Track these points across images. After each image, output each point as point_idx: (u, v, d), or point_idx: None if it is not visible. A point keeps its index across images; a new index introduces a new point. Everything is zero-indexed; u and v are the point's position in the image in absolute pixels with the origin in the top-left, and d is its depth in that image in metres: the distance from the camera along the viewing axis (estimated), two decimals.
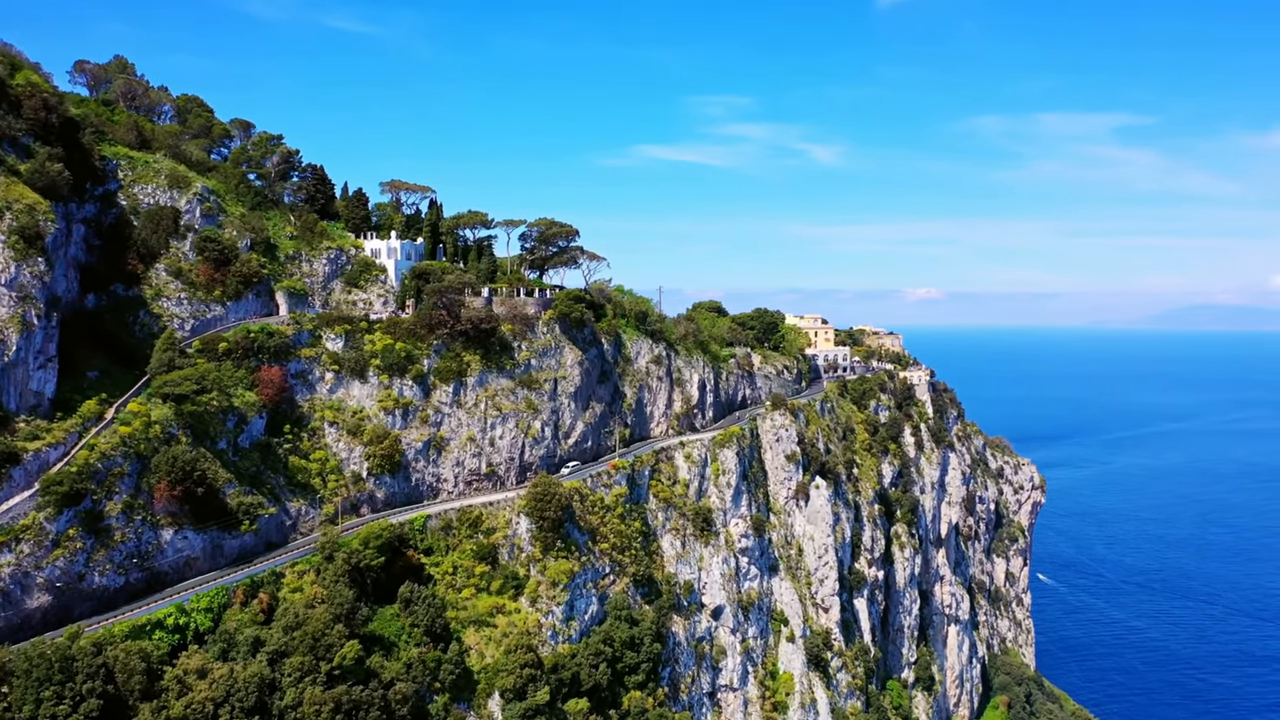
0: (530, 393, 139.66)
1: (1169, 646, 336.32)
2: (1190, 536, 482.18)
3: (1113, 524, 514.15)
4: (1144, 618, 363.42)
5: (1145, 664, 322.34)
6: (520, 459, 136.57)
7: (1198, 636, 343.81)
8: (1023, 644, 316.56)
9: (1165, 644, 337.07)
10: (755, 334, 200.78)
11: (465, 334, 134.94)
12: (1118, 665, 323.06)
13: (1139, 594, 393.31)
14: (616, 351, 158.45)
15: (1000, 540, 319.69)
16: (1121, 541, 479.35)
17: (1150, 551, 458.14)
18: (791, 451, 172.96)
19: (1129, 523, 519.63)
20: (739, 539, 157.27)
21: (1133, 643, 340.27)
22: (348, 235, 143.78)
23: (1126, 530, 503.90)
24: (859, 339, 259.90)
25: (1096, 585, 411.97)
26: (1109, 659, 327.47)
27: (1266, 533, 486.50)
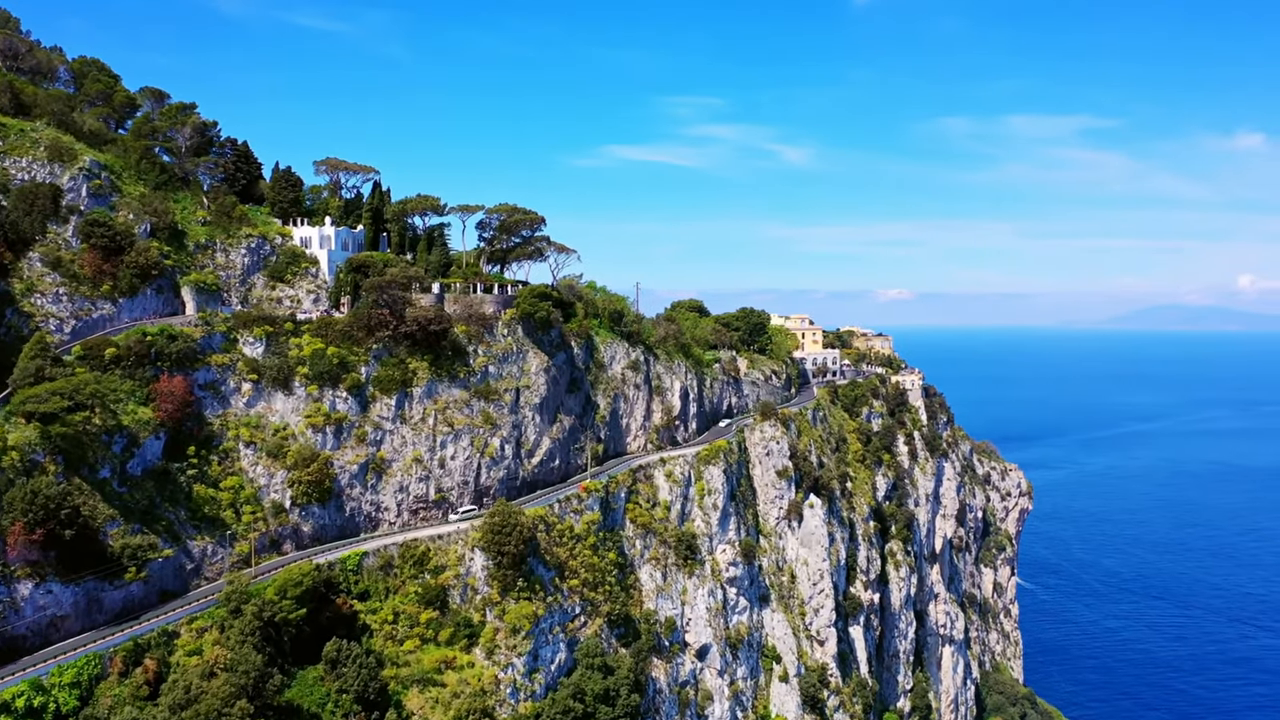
0: (488, 405, 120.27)
1: (1149, 649, 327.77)
2: (1166, 538, 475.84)
3: (1089, 526, 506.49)
4: (1123, 620, 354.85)
5: (1125, 666, 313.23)
6: (476, 483, 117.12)
7: (1177, 639, 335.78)
8: (1011, 657, 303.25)
9: (1145, 647, 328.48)
10: (740, 336, 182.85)
11: (411, 337, 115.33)
12: (1098, 668, 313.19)
13: (1117, 597, 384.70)
14: (588, 356, 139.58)
15: (988, 549, 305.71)
16: (1098, 544, 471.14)
17: (1127, 554, 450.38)
18: (783, 467, 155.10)
19: (1105, 524, 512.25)
20: (726, 567, 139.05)
21: (1112, 646, 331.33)
22: (273, 221, 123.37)
23: (1103, 532, 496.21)
24: (848, 341, 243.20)
25: (1075, 589, 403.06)
26: (1087, 661, 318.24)
27: (1241, 534, 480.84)
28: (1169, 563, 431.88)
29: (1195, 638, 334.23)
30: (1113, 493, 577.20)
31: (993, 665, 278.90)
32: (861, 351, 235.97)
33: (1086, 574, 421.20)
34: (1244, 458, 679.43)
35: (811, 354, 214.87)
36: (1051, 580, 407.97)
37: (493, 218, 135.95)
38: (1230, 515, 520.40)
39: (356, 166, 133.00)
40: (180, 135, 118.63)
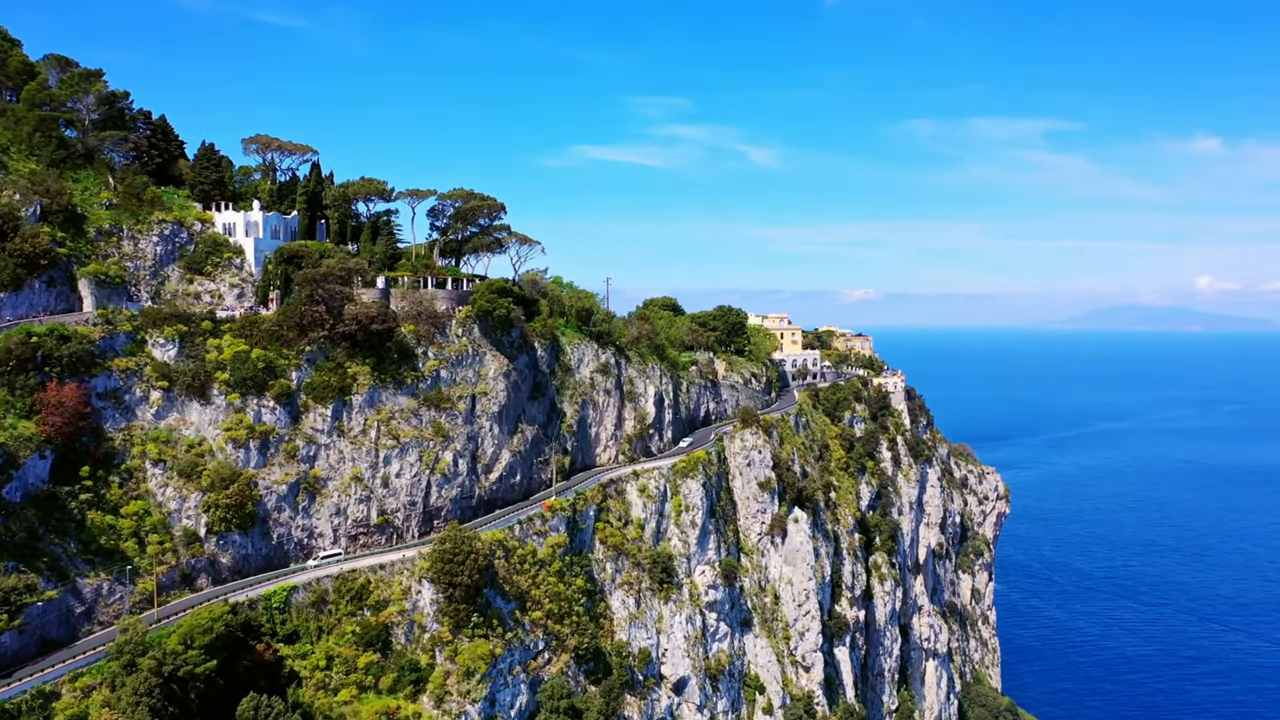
0: (439, 414, 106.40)
1: (1120, 649, 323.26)
2: (1135, 537, 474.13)
3: (1058, 526, 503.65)
4: (1094, 621, 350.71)
5: (1098, 667, 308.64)
6: (425, 503, 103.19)
7: (1148, 638, 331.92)
8: (990, 664, 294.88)
9: (1116, 647, 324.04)
10: (718, 336, 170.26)
11: (351, 337, 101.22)
12: (1071, 670, 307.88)
13: (1088, 597, 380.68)
14: (553, 359, 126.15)
15: (965, 555, 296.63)
16: (1068, 544, 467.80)
17: (1096, 553, 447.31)
18: (765, 478, 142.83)
19: (1074, 524, 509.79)
20: (706, 591, 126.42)
21: (1085, 647, 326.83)
22: (192, 205, 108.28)
23: (1072, 532, 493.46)
24: (827, 341, 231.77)
25: (1046, 589, 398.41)
26: (1059, 662, 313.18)
27: (1208, 533, 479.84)
28: (1138, 562, 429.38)
29: (1166, 637, 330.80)
30: (1081, 492, 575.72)
31: (973, 675, 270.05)
32: (842, 353, 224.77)
33: (1057, 574, 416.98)
34: (1209, 457, 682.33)
35: (791, 355, 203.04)
36: (1022, 581, 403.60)
37: (446, 204, 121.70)
38: (1197, 514, 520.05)
39: (292, 146, 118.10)
40: (83, 106, 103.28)
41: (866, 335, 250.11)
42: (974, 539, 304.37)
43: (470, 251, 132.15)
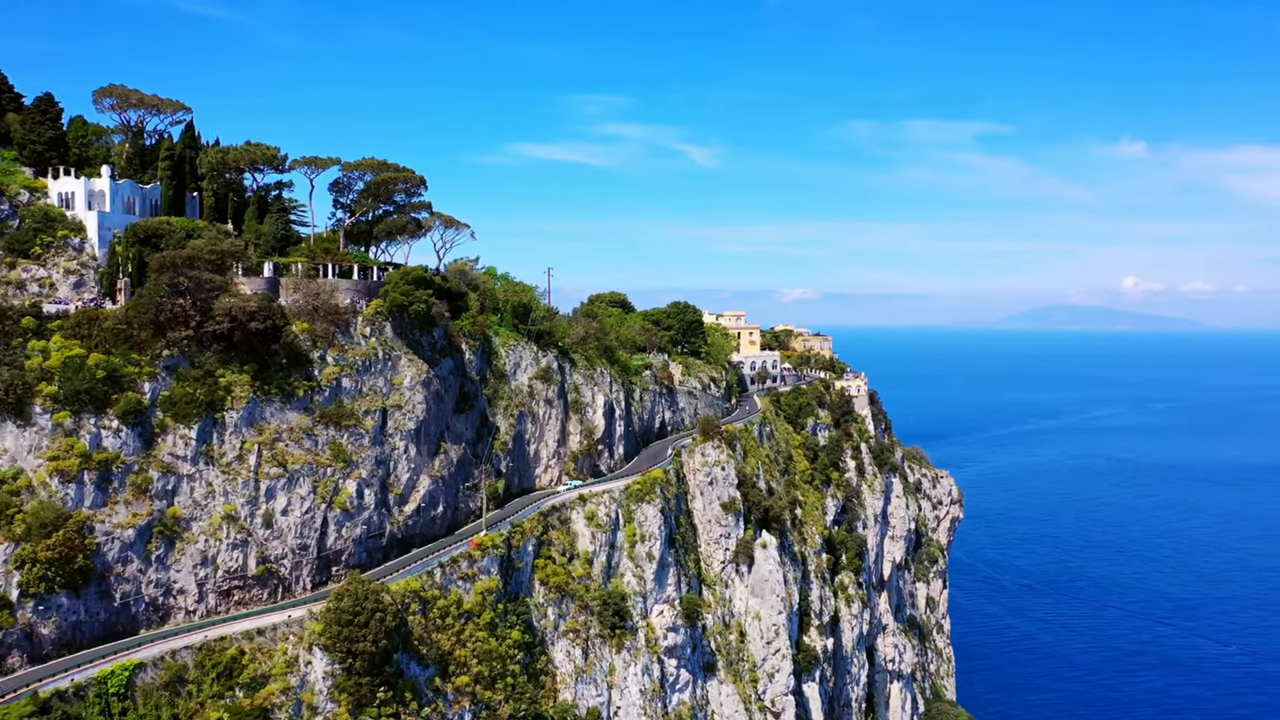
0: (340, 434, 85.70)
1: (1063, 648, 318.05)
2: (1073, 535, 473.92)
3: (998, 524, 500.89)
4: (1037, 620, 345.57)
5: (1042, 668, 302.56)
6: (319, 546, 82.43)
7: (1089, 636, 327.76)
8: (945, 674, 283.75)
9: (1060, 646, 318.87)
10: (672, 336, 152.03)
11: (224, 338, 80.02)
12: (1017, 671, 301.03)
13: (1030, 596, 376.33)
14: (484, 363, 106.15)
15: (920, 563, 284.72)
16: (1008, 542, 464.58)
17: (1037, 552, 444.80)
18: (730, 498, 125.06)
19: (1013, 522, 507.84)
20: (664, 634, 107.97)
21: (1028, 646, 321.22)
22: (19, 170, 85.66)
23: (1012, 530, 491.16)
24: (785, 341, 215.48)
25: (989, 589, 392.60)
26: (1003, 662, 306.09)
27: (1144, 530, 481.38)
28: (1078, 560, 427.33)
29: (1107, 634, 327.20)
30: (1019, 490, 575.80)
31: (932, 690, 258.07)
32: (802, 354, 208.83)
33: (999, 574, 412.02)
34: (1140, 454, 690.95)
35: (750, 357, 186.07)
36: (965, 581, 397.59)
37: (353, 176, 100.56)
38: (1133, 511, 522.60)
39: (158, 101, 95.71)
40: None
41: (826, 335, 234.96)
42: (928, 546, 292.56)
43: (386, 237, 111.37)
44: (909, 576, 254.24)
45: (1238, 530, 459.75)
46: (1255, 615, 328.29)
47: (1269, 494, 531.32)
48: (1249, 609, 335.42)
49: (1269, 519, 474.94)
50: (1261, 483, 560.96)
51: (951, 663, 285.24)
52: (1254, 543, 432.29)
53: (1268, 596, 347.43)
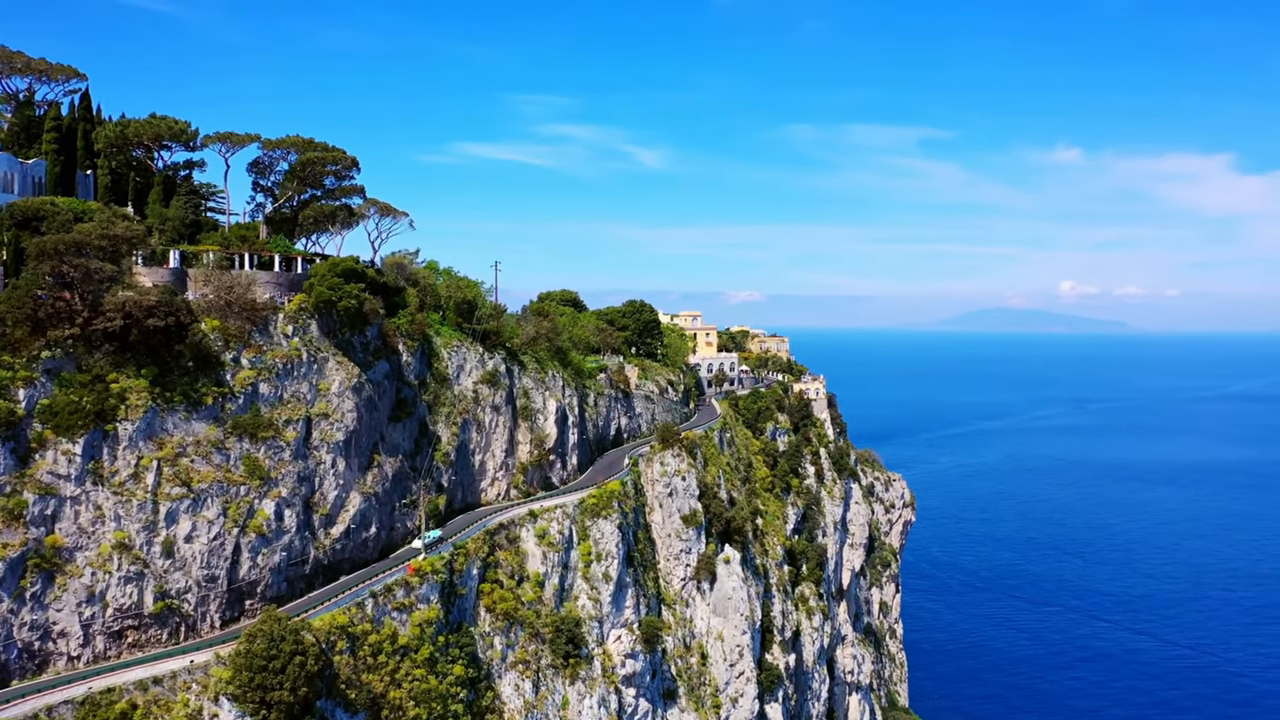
0: (256, 447, 74.91)
1: (1008, 648, 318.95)
2: (1016, 534, 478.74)
3: (944, 524, 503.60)
4: (982, 620, 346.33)
5: (984, 665, 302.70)
6: (230, 577, 71.60)
7: (1033, 636, 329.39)
8: (898, 680, 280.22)
9: (1004, 645, 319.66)
10: (628, 337, 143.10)
11: (118, 337, 68.86)
12: (961, 670, 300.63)
13: (976, 596, 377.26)
14: (424, 366, 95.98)
15: (873, 567, 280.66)
16: (954, 542, 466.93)
17: (980, 551, 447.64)
18: (691, 510, 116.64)
19: (959, 522, 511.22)
20: (622, 661, 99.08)
21: (974, 646, 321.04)
22: None
23: (957, 530, 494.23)
24: (742, 343, 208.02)
25: (936, 589, 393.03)
26: (949, 661, 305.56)
27: (1084, 529, 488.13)
28: (1021, 559, 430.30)
29: (1050, 634, 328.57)
30: (963, 490, 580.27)
31: (888, 699, 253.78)
32: (760, 355, 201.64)
33: (944, 573, 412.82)
34: (1078, 453, 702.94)
35: (707, 359, 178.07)
36: (911, 581, 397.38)
37: (275, 156, 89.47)
38: (1072, 510, 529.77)
39: (46, 66, 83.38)
40: None
41: (783, 336, 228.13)
42: (881, 550, 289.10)
43: (314, 228, 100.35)
44: (863, 582, 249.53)
45: (1174, 528, 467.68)
46: (1193, 610, 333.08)
47: (1203, 492, 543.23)
48: (1186, 604, 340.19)
49: (1203, 516, 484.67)
50: (1195, 481, 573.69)
51: (904, 668, 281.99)
52: (1190, 539, 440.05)
53: (1204, 592, 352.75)
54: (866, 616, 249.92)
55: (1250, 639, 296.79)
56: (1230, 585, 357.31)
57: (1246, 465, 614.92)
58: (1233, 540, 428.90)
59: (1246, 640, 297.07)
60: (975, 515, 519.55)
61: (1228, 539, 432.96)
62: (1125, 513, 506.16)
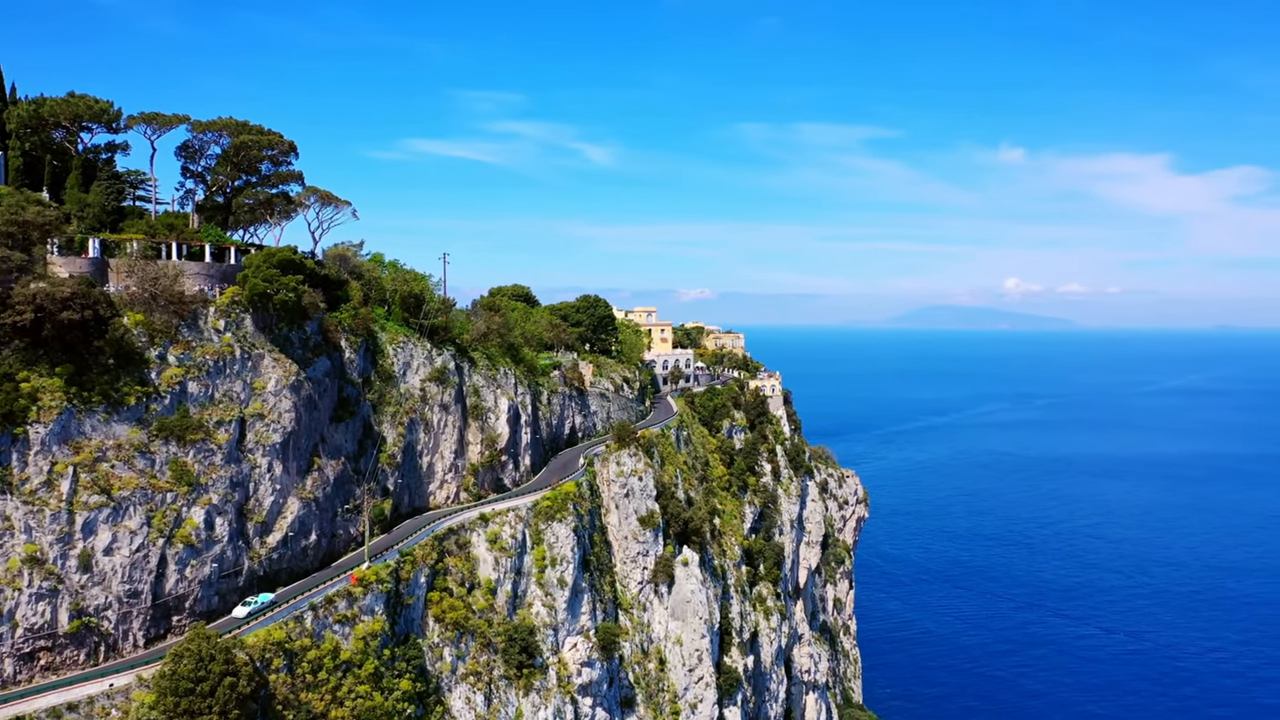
0: (184, 450, 69.66)
1: (958, 640, 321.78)
2: (964, 528, 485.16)
3: (894, 520, 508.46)
4: (931, 613, 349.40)
5: (935, 658, 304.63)
6: (155, 593, 66.34)
7: (982, 628, 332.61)
8: (852, 677, 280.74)
9: (953, 638, 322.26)
10: (582, 333, 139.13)
11: (29, 332, 63.20)
12: (912, 664, 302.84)
13: (925, 590, 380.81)
14: (368, 364, 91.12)
15: (827, 564, 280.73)
16: (903, 537, 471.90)
17: (932, 547, 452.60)
18: (648, 511, 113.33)
19: (908, 517, 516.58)
20: (578, 670, 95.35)
21: (925, 640, 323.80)
22: None
23: (906, 525, 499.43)
24: (697, 339, 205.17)
25: (887, 583, 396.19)
26: (900, 656, 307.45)
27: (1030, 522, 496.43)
28: (969, 552, 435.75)
29: (999, 625, 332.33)
30: (913, 485, 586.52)
31: (843, 696, 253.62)
32: (715, 352, 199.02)
33: (894, 568, 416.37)
34: (1024, 448, 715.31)
35: (663, 355, 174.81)
36: (862, 576, 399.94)
37: (205, 140, 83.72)
38: (1018, 504, 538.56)
39: None
40: None
41: (738, 333, 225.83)
42: (835, 546, 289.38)
43: (251, 219, 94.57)
44: (819, 580, 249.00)
45: (1118, 520, 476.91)
46: (1137, 601, 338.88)
47: (1144, 485, 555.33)
48: (1131, 595, 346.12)
49: (1146, 509, 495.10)
50: (1137, 474, 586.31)
51: (858, 664, 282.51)
52: (1133, 531, 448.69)
53: (1147, 583, 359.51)
54: (822, 614, 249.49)
55: (1191, 626, 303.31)
56: (1171, 575, 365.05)
57: (1186, 459, 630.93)
58: (1173, 531, 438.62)
59: (1188, 627, 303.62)
60: (925, 510, 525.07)
61: (1168, 530, 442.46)
62: (1070, 505, 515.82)
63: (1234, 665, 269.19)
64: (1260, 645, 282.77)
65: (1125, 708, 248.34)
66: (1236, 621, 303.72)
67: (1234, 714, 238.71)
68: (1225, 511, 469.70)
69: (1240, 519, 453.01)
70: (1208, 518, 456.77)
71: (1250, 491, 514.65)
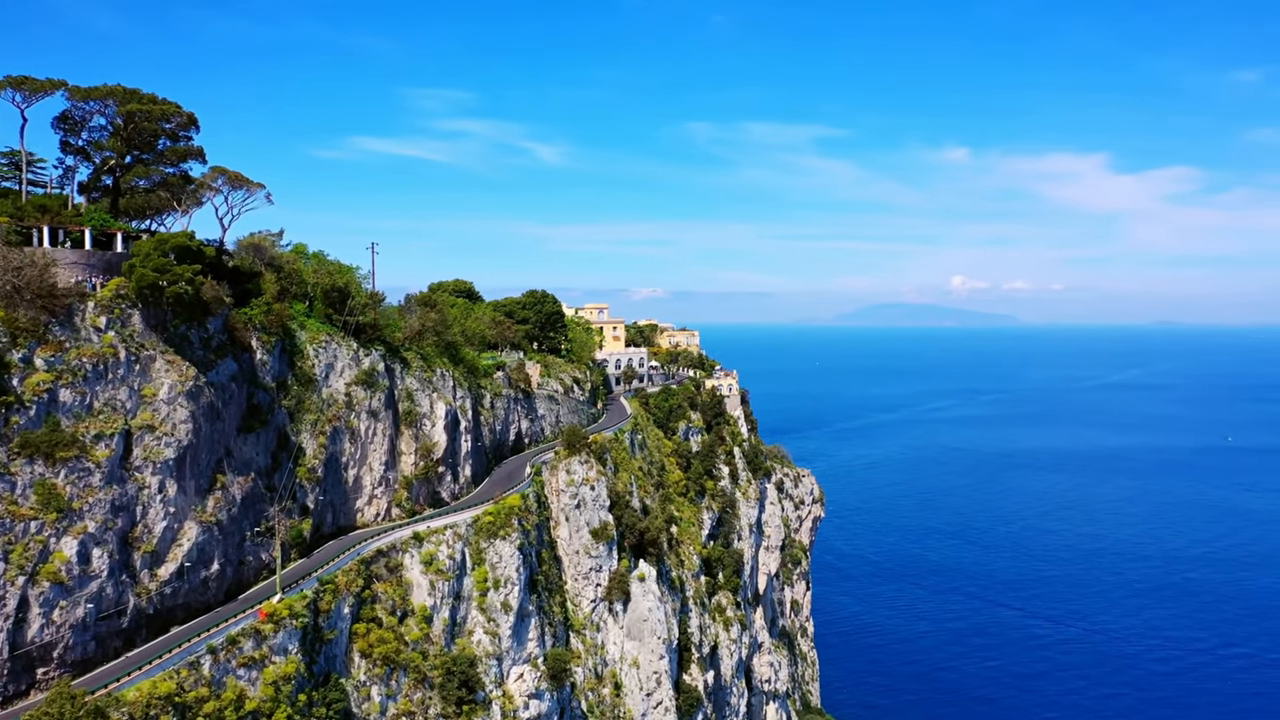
0: (54, 470, 58.98)
1: (910, 635, 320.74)
2: (917, 524, 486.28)
3: (847, 516, 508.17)
4: (883, 609, 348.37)
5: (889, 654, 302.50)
6: (13, 642, 55.50)
7: (935, 623, 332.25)
8: (810, 680, 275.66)
9: (906, 633, 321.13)
10: (529, 331, 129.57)
11: None
12: (868, 662, 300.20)
13: (878, 585, 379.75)
14: (284, 366, 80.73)
15: (784, 565, 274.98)
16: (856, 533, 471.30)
17: (884, 543, 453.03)
18: (601, 523, 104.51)
19: (861, 513, 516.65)
20: (525, 703, 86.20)
21: (880, 636, 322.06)
22: None
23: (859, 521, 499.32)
24: (651, 337, 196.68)
25: (840, 579, 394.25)
26: (851, 650, 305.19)
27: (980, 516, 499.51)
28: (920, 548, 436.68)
29: (951, 619, 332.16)
30: (865, 482, 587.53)
31: (802, 701, 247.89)
32: (670, 350, 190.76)
33: (847, 564, 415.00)
34: (973, 443, 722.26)
35: (615, 354, 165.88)
36: (817, 575, 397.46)
37: (88, 110, 72.21)
38: (968, 499, 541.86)
39: None
40: None
41: (693, 330, 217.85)
42: (792, 547, 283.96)
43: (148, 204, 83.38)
44: (778, 583, 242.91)
45: (1065, 513, 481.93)
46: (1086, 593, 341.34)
47: (1090, 478, 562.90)
48: (1079, 587, 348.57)
49: (1091, 502, 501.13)
50: (1082, 468, 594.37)
51: (815, 666, 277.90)
52: (1080, 525, 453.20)
53: (1094, 575, 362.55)
54: (780, 619, 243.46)
55: (1139, 617, 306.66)
56: (1120, 567, 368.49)
57: (1127, 450, 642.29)
58: (1119, 523, 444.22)
59: (1136, 618, 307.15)
60: (877, 505, 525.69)
61: (1114, 522, 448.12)
62: (1019, 500, 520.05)
63: (1179, 654, 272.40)
64: (1207, 634, 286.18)
65: (1076, 696, 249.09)
66: (1186, 613, 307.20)
67: (1182, 701, 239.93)
68: (1170, 504, 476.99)
69: (1185, 511, 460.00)
70: (1153, 510, 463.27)
71: (1194, 484, 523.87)
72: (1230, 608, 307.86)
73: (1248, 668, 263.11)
